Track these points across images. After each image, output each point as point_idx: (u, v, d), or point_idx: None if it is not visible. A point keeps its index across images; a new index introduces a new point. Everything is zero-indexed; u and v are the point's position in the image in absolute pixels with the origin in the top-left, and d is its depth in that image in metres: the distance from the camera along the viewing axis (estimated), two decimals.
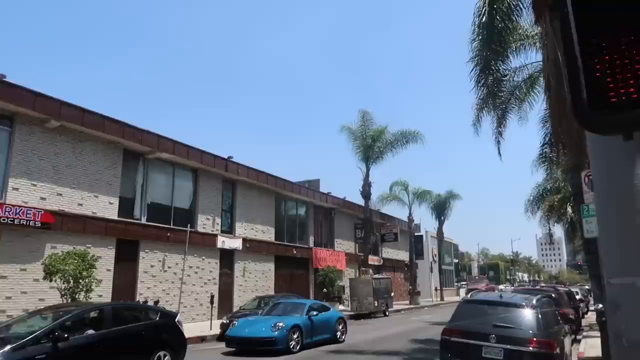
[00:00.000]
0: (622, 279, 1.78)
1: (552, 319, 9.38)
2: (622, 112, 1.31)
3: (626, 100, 1.30)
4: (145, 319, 10.58)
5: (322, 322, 15.29)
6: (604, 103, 1.33)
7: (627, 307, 1.76)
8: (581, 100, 1.36)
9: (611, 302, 1.83)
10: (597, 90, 1.34)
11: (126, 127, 19.95)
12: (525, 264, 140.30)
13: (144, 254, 20.70)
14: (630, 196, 1.78)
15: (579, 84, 1.36)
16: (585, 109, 1.35)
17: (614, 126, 1.37)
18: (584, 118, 1.38)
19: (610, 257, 1.89)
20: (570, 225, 41.13)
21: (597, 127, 1.39)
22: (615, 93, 1.32)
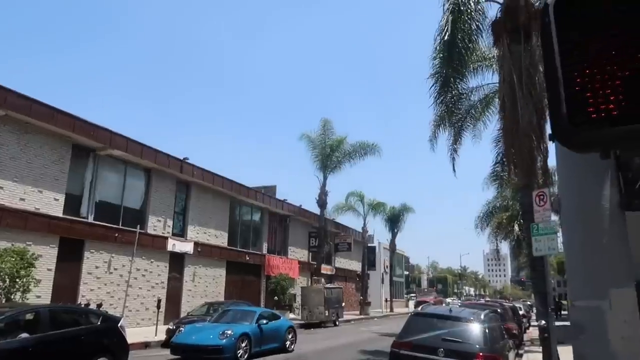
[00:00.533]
0: (587, 301, 1.75)
1: (498, 334, 9.57)
2: (602, 129, 1.27)
3: (606, 117, 1.26)
4: (85, 323, 10.07)
5: (271, 331, 15.04)
6: (584, 119, 1.28)
7: (592, 331, 1.73)
8: (560, 114, 1.31)
9: (575, 325, 1.80)
10: (576, 104, 1.29)
11: (77, 121, 19.07)
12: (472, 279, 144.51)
13: (89, 254, 19.79)
14: (598, 217, 1.76)
15: (559, 96, 1.31)
16: (565, 123, 1.30)
17: (593, 143, 1.33)
18: (562, 133, 1.33)
19: (575, 279, 1.86)
20: (517, 242, 42.66)
21: (575, 143, 1.34)
22: (595, 109, 1.28)
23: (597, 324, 1.71)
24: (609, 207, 1.76)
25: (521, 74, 12.89)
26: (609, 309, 1.69)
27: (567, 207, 1.92)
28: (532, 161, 13.34)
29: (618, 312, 1.68)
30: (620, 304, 1.68)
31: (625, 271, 1.72)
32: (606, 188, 1.77)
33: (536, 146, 13.34)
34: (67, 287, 18.56)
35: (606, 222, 1.75)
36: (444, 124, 18.97)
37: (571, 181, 1.87)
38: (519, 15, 13.00)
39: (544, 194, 9.35)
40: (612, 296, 1.70)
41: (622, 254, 1.73)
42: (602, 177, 1.77)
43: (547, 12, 1.38)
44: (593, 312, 1.72)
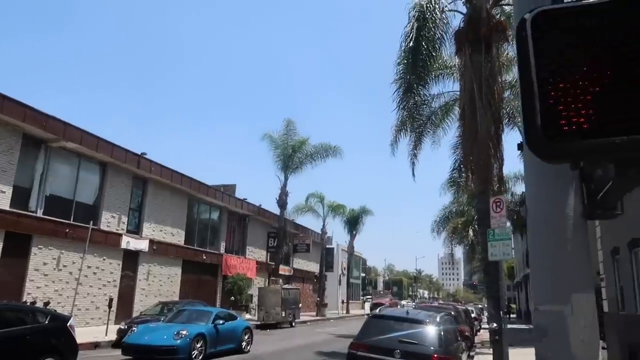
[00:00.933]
0: (550, 306, 1.82)
1: (453, 336, 9.82)
2: (573, 142, 1.32)
3: (577, 130, 1.32)
4: (31, 322, 9.63)
5: (228, 331, 14.85)
6: (557, 131, 1.33)
7: (553, 335, 1.80)
8: (535, 126, 1.36)
9: (538, 328, 1.86)
10: (550, 117, 1.35)
11: (28, 110, 18.20)
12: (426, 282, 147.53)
13: (37, 250, 18.94)
14: (562, 225, 1.83)
15: (534, 109, 1.36)
16: (539, 135, 1.35)
17: (564, 155, 1.39)
18: (536, 144, 1.38)
19: (539, 284, 1.93)
20: (471, 247, 43.95)
21: (548, 154, 1.40)
22: (567, 121, 1.33)
23: (559, 327, 1.78)
24: (572, 216, 1.84)
25: (481, 83, 13.29)
26: (570, 313, 1.76)
27: (533, 214, 1.99)
28: (488, 169, 13.77)
29: (579, 317, 1.75)
30: (581, 308, 1.76)
31: (586, 277, 1.80)
32: (570, 198, 1.85)
33: (493, 154, 13.78)
34: (11, 284, 17.68)
35: (570, 231, 1.83)
36: (405, 128, 19.31)
37: (538, 190, 1.95)
38: (481, 27, 13.39)
39: (500, 201, 9.67)
40: (573, 301, 1.77)
41: (584, 261, 1.81)
42: (567, 188, 1.84)
43: (524, 27, 1.43)
44: (555, 317, 1.79)
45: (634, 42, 1.33)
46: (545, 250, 1.92)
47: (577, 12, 1.39)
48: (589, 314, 1.78)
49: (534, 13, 1.42)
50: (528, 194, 2.06)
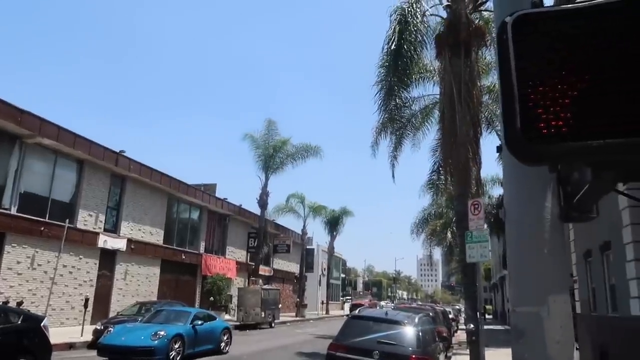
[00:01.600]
0: (527, 307, 1.84)
1: (431, 336, 9.91)
2: (552, 145, 1.34)
3: (556, 133, 1.34)
4: (4, 322, 9.41)
5: (206, 332, 14.72)
6: (536, 134, 1.35)
7: (531, 336, 1.83)
8: (514, 128, 1.37)
9: (515, 330, 1.89)
10: (529, 120, 1.36)
11: (2, 105, 17.76)
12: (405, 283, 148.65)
13: (10, 248, 18.47)
14: (540, 227, 1.86)
15: (514, 112, 1.38)
16: (518, 137, 1.37)
17: (543, 157, 1.41)
18: (516, 146, 1.40)
19: (516, 286, 1.96)
20: (449, 249, 44.37)
21: (527, 156, 1.41)
22: (546, 125, 1.35)
23: (536, 328, 1.80)
24: (550, 218, 1.87)
25: (460, 87, 13.45)
26: (547, 314, 1.79)
27: (511, 216, 2.01)
28: (467, 171, 13.93)
29: (555, 318, 1.78)
30: (557, 310, 1.79)
31: (562, 279, 1.83)
32: (548, 200, 1.88)
33: (472, 157, 13.95)
34: None
35: (547, 232, 1.86)
36: (385, 130, 19.42)
37: (516, 192, 1.97)
38: (461, 31, 13.56)
39: (478, 204, 9.79)
40: (549, 303, 1.80)
41: (560, 262, 1.84)
42: (544, 190, 1.87)
43: (505, 30, 1.44)
44: (532, 318, 1.82)
45: (612, 47, 1.36)
46: (522, 252, 1.95)
47: (558, 17, 1.42)
48: (565, 315, 1.81)
49: (515, 16, 1.44)
50: (506, 196, 2.09)
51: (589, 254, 13.26)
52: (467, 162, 13.85)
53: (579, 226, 14.23)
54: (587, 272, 13.62)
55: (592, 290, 13.19)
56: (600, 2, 1.39)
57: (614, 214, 10.23)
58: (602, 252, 11.86)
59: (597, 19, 1.38)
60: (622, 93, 1.33)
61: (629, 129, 1.30)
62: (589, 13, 1.39)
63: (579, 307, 14.68)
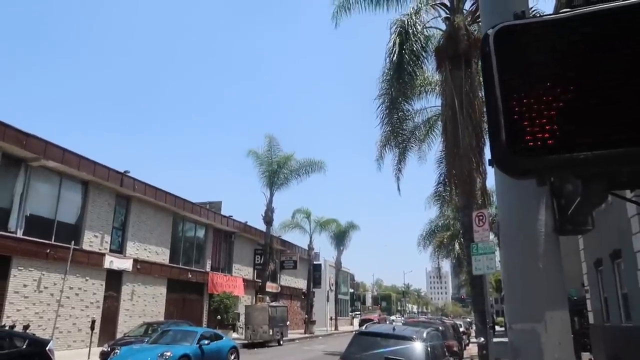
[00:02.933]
0: (523, 324, 1.79)
1: (440, 352, 9.74)
2: (538, 157, 1.31)
3: (542, 146, 1.30)
4: (9, 347, 9.38)
5: (213, 352, 14.61)
6: (521, 146, 1.32)
7: (527, 353, 1.77)
8: (500, 141, 1.34)
9: (513, 347, 1.83)
10: (515, 132, 1.33)
11: (8, 129, 17.93)
12: (415, 296, 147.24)
13: (17, 271, 18.48)
14: (534, 241, 1.81)
15: (499, 124, 1.35)
16: (504, 150, 1.33)
17: (529, 171, 1.37)
18: (501, 160, 1.36)
19: (512, 301, 1.90)
20: (457, 260, 44.02)
21: (513, 170, 1.38)
22: (532, 137, 1.31)
23: (533, 346, 1.74)
24: (544, 231, 1.82)
25: (462, 98, 13.45)
26: (544, 331, 1.73)
27: (505, 230, 1.97)
28: (471, 182, 13.86)
29: (553, 335, 1.72)
30: (555, 326, 1.73)
31: (559, 294, 1.78)
32: (542, 213, 1.83)
33: (475, 168, 13.89)
34: None
35: (542, 246, 1.81)
36: (389, 144, 19.44)
37: (509, 205, 1.93)
38: (460, 43, 13.61)
39: (483, 215, 9.71)
40: (547, 319, 1.74)
41: (557, 277, 1.79)
42: (538, 203, 1.83)
43: (487, 42, 1.42)
44: (529, 335, 1.76)
45: (597, 57, 1.33)
46: (517, 266, 1.89)
47: (541, 28, 1.39)
48: (563, 331, 1.75)
49: (497, 28, 1.41)
50: (500, 209, 2.04)
51: (599, 263, 13.09)
52: (471, 173, 13.78)
53: (588, 235, 14.08)
54: (599, 282, 13.42)
55: (605, 300, 12.99)
56: (584, 12, 1.37)
57: (623, 221, 10.11)
58: (612, 260, 11.70)
59: (581, 29, 1.35)
60: (608, 104, 1.29)
61: (616, 140, 1.26)
62: (572, 23, 1.36)
63: (592, 317, 14.44)
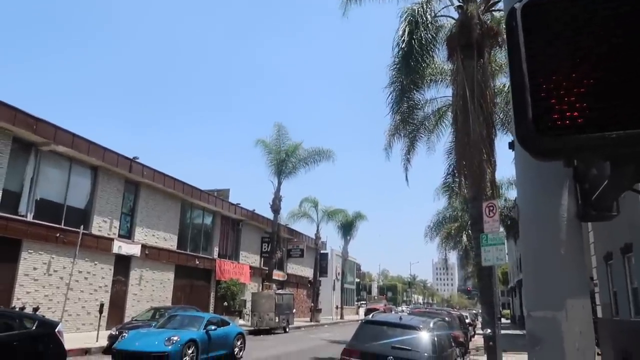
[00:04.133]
0: (543, 312, 1.73)
1: (446, 342, 9.71)
2: (566, 137, 1.24)
3: (571, 124, 1.24)
4: (19, 328, 9.46)
5: (220, 337, 14.68)
6: (549, 125, 1.25)
7: (547, 342, 1.71)
8: (525, 120, 1.28)
9: (531, 336, 1.78)
10: (541, 111, 1.27)
11: (18, 114, 18.01)
12: (420, 287, 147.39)
13: (27, 254, 18.68)
14: (556, 228, 1.75)
15: (525, 102, 1.28)
16: (530, 129, 1.27)
17: (556, 151, 1.30)
18: (527, 139, 1.30)
19: (532, 289, 1.84)
20: (464, 252, 43.89)
21: (539, 150, 1.31)
22: (560, 116, 1.25)
23: (553, 334, 1.69)
24: (566, 217, 1.76)
25: (473, 88, 13.28)
26: (565, 319, 1.68)
27: (525, 216, 1.91)
28: (481, 173, 13.74)
29: (573, 323, 1.67)
30: (576, 315, 1.68)
31: (581, 282, 1.72)
32: (564, 198, 1.77)
33: (486, 159, 13.76)
34: (0, 289, 17.44)
35: (563, 233, 1.75)
36: (398, 133, 19.30)
37: (530, 190, 1.86)
38: (473, 32, 13.41)
39: (493, 206, 9.62)
40: (568, 307, 1.69)
41: (579, 264, 1.73)
42: (560, 188, 1.76)
43: (514, 16, 1.35)
44: (549, 323, 1.71)
45: (629, 32, 1.26)
46: (537, 253, 1.83)
47: (570, 1, 1.32)
48: (584, 320, 1.69)
49: (524, 1, 1.34)
50: (520, 194, 1.98)
51: (609, 257, 12.95)
52: (481, 163, 13.66)
53: (598, 228, 13.92)
54: (608, 276, 13.30)
55: (614, 294, 12.87)
56: None
57: (635, 214, 9.97)
58: (623, 254, 11.57)
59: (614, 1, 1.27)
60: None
61: None
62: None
63: (600, 311, 14.34)
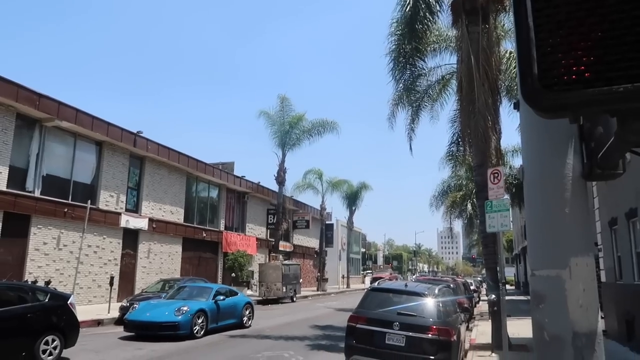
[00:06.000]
0: (547, 271, 1.74)
1: (451, 308, 9.84)
2: (573, 91, 1.22)
3: (577, 79, 1.21)
4: (32, 300, 9.66)
5: (228, 307, 14.96)
6: (554, 80, 1.23)
7: (550, 300, 1.73)
8: (531, 75, 1.25)
9: (535, 294, 1.79)
10: (547, 65, 1.24)
11: (21, 90, 17.94)
12: (426, 256, 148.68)
13: (37, 229, 18.93)
14: (561, 187, 1.74)
15: (530, 57, 1.25)
16: (535, 85, 1.24)
17: (563, 106, 1.28)
18: (532, 95, 1.27)
19: (535, 248, 1.85)
20: (469, 221, 44.03)
21: (545, 105, 1.29)
22: (567, 70, 1.22)
23: (557, 293, 1.70)
24: (571, 176, 1.75)
25: (478, 55, 13.03)
26: (568, 278, 1.69)
27: (530, 175, 1.89)
28: (486, 141, 13.62)
29: (577, 281, 1.68)
30: (580, 273, 1.68)
31: (585, 240, 1.72)
32: (569, 158, 1.75)
33: (491, 126, 13.62)
34: (12, 264, 17.75)
35: (568, 191, 1.74)
36: (402, 102, 19.05)
37: (534, 149, 1.84)
38: None
39: (498, 172, 9.59)
40: (572, 265, 1.69)
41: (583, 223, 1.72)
42: (565, 147, 1.74)
43: None
44: (553, 281, 1.72)
45: None
46: (542, 212, 1.83)
47: None
48: (588, 278, 1.70)
49: None
50: (524, 153, 1.95)
51: (614, 222, 12.96)
52: (486, 131, 13.53)
53: (603, 194, 13.89)
54: (613, 241, 13.33)
55: (618, 259, 12.94)
56: None
57: None
58: (628, 219, 11.57)
59: None
60: None
61: None
62: None
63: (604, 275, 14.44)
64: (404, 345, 8.18)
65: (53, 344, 9.55)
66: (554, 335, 1.67)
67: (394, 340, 8.26)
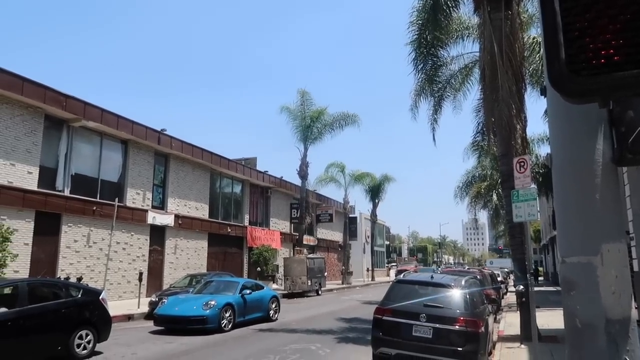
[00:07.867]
0: (578, 257, 1.72)
1: (478, 299, 9.75)
2: (602, 76, 1.20)
3: (606, 63, 1.20)
4: (65, 296, 9.96)
5: (255, 300, 15.13)
6: (582, 65, 1.21)
7: (582, 287, 1.71)
8: (558, 60, 1.24)
9: (565, 281, 1.77)
10: (575, 50, 1.22)
11: (48, 91, 18.40)
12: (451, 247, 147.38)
13: (67, 227, 19.46)
14: (590, 172, 1.71)
15: (557, 42, 1.24)
16: (563, 70, 1.23)
17: (591, 91, 1.26)
18: (560, 80, 1.26)
19: (566, 235, 1.82)
20: (495, 211, 43.44)
21: (573, 90, 1.27)
22: (595, 54, 1.21)
23: (588, 280, 1.68)
24: (601, 161, 1.72)
25: (501, 42, 12.79)
26: (600, 264, 1.66)
27: (559, 162, 1.87)
28: (511, 129, 13.39)
29: (609, 268, 1.66)
30: (612, 259, 1.66)
31: (616, 226, 1.69)
32: (599, 143, 1.72)
33: (516, 114, 13.38)
34: (45, 261, 18.29)
35: (598, 177, 1.71)
36: (424, 93, 18.84)
37: (563, 135, 1.82)
38: None
39: (524, 161, 9.42)
40: (603, 251, 1.67)
41: (614, 209, 1.70)
42: (594, 132, 1.72)
43: None
44: (584, 268, 1.70)
45: None
46: (571, 198, 1.80)
47: None
48: (621, 264, 1.68)
49: None
50: (552, 139, 1.93)
51: None
52: (510, 119, 13.29)
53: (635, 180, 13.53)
54: None
55: None
56: None
57: None
58: None
59: None
60: None
61: None
62: None
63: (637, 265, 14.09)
64: (431, 337, 8.15)
65: (87, 338, 9.83)
66: (586, 323, 1.66)
67: (421, 332, 8.24)
